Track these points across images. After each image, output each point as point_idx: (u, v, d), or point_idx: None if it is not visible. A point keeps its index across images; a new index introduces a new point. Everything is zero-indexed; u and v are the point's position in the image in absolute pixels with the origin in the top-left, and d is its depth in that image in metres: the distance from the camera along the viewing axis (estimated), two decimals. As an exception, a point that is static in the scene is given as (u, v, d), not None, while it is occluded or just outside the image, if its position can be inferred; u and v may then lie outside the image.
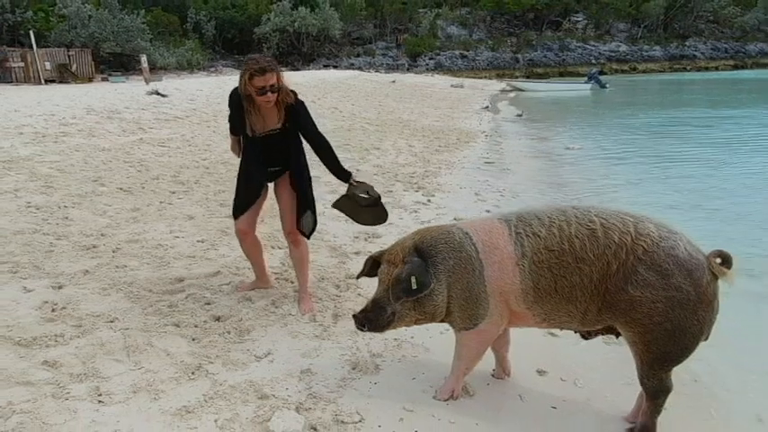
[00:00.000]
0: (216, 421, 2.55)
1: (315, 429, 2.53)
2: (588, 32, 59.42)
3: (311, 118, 3.68)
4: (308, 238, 3.82)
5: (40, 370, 2.81)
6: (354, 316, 2.70)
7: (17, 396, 2.59)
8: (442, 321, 2.71)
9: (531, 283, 2.44)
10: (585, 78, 35.42)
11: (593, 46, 57.06)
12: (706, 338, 2.44)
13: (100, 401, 2.62)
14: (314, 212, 3.82)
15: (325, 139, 3.71)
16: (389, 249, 2.69)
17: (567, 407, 2.85)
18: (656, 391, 2.47)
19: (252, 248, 3.87)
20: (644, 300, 2.31)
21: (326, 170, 3.81)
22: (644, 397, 2.56)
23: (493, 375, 3.05)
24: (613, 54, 56.29)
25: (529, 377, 3.08)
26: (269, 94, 3.38)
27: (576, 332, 2.71)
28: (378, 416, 2.67)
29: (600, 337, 3.39)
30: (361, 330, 2.68)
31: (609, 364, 3.21)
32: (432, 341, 3.35)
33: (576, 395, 2.94)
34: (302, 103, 3.63)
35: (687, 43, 58.49)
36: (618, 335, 2.58)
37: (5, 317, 3.26)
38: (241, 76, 3.40)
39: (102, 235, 4.67)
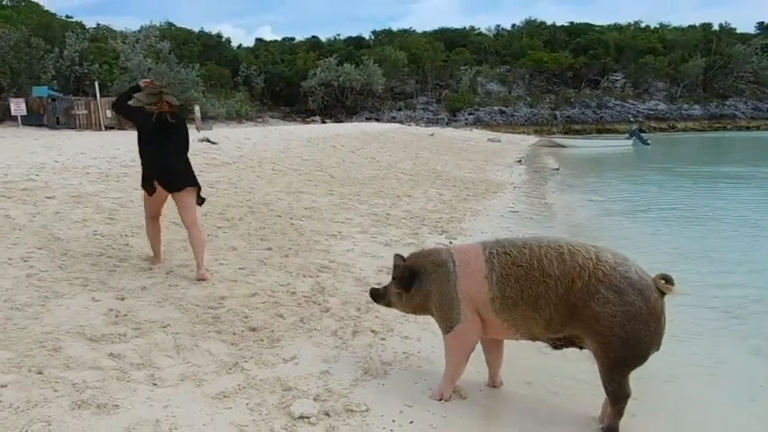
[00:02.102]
0: (247, 404, 3.09)
1: (327, 414, 3.05)
2: (627, 91, 59.96)
3: None
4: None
5: (107, 359, 3.43)
6: (371, 288, 3.74)
7: (89, 377, 3.19)
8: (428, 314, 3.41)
9: (498, 293, 2.99)
10: (627, 135, 35.89)
11: (632, 104, 57.54)
12: (657, 349, 2.91)
13: (154, 384, 3.20)
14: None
15: None
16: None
17: (546, 411, 3.31)
18: (616, 395, 2.93)
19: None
20: (605, 314, 2.80)
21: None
22: (608, 402, 3.01)
23: (487, 385, 3.54)
24: (652, 112, 56.59)
25: (517, 387, 3.55)
26: None
27: (545, 343, 3.20)
28: (381, 408, 3.17)
29: (585, 360, 3.87)
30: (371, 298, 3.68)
31: (590, 381, 3.63)
32: (435, 356, 3.84)
33: (556, 402, 3.40)
34: None
35: (727, 102, 58.40)
36: (581, 347, 3.06)
37: (79, 319, 3.92)
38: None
39: (157, 260, 5.36)
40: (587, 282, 2.83)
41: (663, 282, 2.84)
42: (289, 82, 53.89)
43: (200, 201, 5.22)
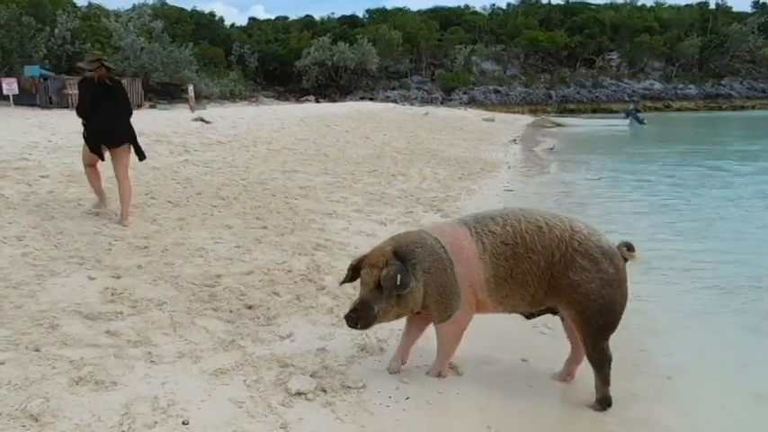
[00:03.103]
0: (244, 381, 3.12)
1: (324, 391, 3.08)
2: (622, 70, 59.68)
3: None
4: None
5: (104, 337, 3.43)
6: (346, 316, 3.07)
7: (87, 354, 3.20)
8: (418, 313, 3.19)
9: (492, 273, 3.00)
10: (624, 115, 35.91)
11: (627, 84, 57.26)
12: None
13: (152, 361, 3.22)
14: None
15: None
16: (370, 255, 3.09)
17: (542, 386, 3.35)
18: (600, 360, 3.04)
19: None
20: (582, 282, 2.91)
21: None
22: (594, 373, 3.09)
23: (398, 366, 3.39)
24: (647, 92, 56.33)
25: (513, 363, 3.59)
26: None
27: (521, 314, 3.29)
28: (378, 384, 3.20)
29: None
30: (354, 328, 3.11)
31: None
32: (431, 331, 3.84)
33: (551, 378, 3.43)
34: None
35: (723, 82, 58.18)
36: (555, 313, 3.19)
37: (75, 297, 3.91)
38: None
39: (152, 238, 5.35)
40: (565, 252, 2.94)
41: (626, 249, 3.01)
42: (282, 61, 53.40)
43: (142, 156, 6.08)
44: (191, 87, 26.32)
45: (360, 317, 3.02)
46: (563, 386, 3.36)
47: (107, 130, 5.76)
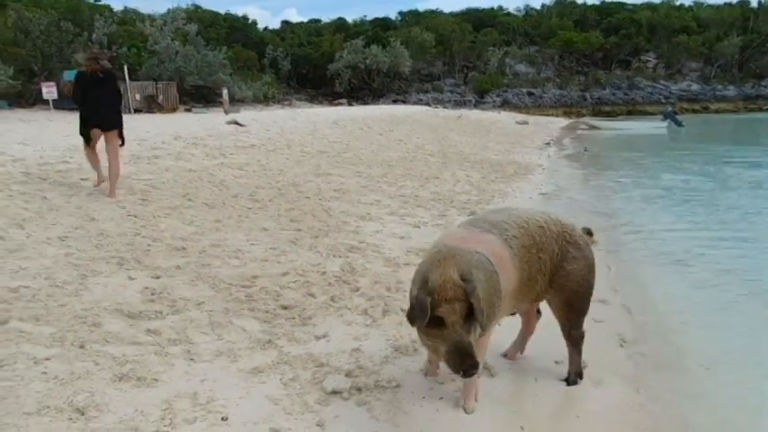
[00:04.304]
0: (281, 380, 3.17)
1: (359, 390, 3.12)
2: (659, 71, 58.39)
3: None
4: None
5: (145, 335, 3.53)
6: (465, 367, 2.57)
7: (129, 351, 3.29)
8: None
9: (519, 278, 2.96)
10: (661, 117, 35.18)
11: (664, 85, 55.90)
12: None
13: (191, 359, 3.30)
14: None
15: None
16: (443, 291, 2.59)
17: (575, 388, 3.33)
18: (578, 339, 3.29)
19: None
20: (576, 270, 3.12)
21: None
22: (571, 351, 3.34)
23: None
24: (684, 93, 54.88)
25: (546, 365, 3.57)
26: None
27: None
28: (412, 384, 3.23)
29: (614, 340, 3.88)
30: (475, 373, 2.67)
31: (614, 360, 3.64)
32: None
33: (583, 381, 3.41)
34: None
35: (764, 83, 56.35)
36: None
37: (116, 297, 4.02)
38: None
39: (189, 240, 5.46)
40: (561, 246, 3.09)
41: (587, 234, 3.31)
42: (315, 64, 53.68)
43: (122, 142, 6.84)
44: (225, 91, 26.74)
45: (477, 361, 2.63)
46: (598, 390, 3.33)
47: (97, 116, 6.63)
